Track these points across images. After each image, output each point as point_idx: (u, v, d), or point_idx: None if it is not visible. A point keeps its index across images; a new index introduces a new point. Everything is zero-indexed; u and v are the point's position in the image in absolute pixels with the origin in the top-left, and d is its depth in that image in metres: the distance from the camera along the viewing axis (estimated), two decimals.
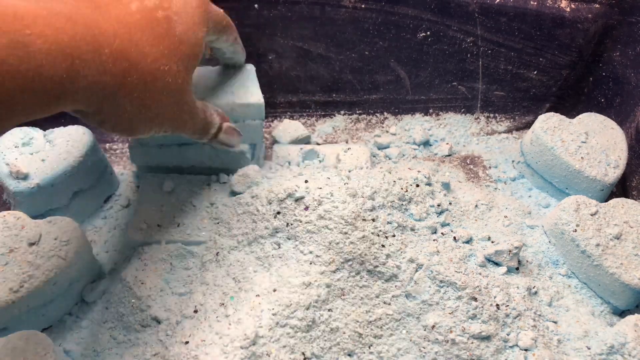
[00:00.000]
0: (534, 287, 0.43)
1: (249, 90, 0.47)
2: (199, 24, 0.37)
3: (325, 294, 0.39)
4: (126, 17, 0.33)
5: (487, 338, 0.39)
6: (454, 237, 0.45)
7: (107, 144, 0.58)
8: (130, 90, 0.33)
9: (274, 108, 0.62)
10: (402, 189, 0.44)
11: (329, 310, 0.39)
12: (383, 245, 0.41)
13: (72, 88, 0.29)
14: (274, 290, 0.39)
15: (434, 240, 0.44)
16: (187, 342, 0.38)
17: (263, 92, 0.47)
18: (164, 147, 0.47)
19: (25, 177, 0.43)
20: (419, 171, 0.47)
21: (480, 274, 0.42)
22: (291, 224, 0.42)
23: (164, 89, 0.35)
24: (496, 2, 0.56)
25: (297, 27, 0.56)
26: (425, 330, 0.39)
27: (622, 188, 0.55)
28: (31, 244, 0.39)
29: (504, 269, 0.43)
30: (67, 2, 0.30)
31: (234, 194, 0.46)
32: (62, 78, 0.28)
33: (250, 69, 0.49)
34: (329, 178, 0.45)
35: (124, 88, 0.32)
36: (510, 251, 0.43)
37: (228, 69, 0.48)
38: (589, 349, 0.41)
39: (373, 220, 0.42)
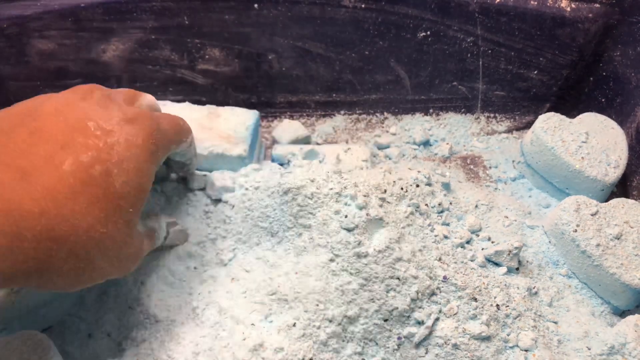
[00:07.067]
0: (534, 288, 0.43)
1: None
2: (146, 163, 0.34)
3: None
4: (57, 185, 0.30)
5: (488, 338, 0.39)
6: (454, 237, 0.44)
7: None
8: (59, 266, 0.29)
9: (273, 108, 0.62)
10: (402, 189, 0.44)
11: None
12: None
13: None
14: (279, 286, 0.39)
15: (434, 240, 0.44)
16: (184, 342, 0.38)
17: (263, 92, 0.46)
18: None
19: None
20: (419, 171, 0.47)
21: (480, 274, 0.42)
22: (290, 227, 0.42)
23: (101, 253, 0.32)
24: (496, 1, 0.56)
25: (297, 27, 0.56)
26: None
27: (622, 188, 0.55)
28: None
29: (504, 269, 0.43)
30: None
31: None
32: None
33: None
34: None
35: (52, 267, 0.29)
36: (510, 251, 0.43)
37: None
38: (589, 349, 0.41)
39: None
